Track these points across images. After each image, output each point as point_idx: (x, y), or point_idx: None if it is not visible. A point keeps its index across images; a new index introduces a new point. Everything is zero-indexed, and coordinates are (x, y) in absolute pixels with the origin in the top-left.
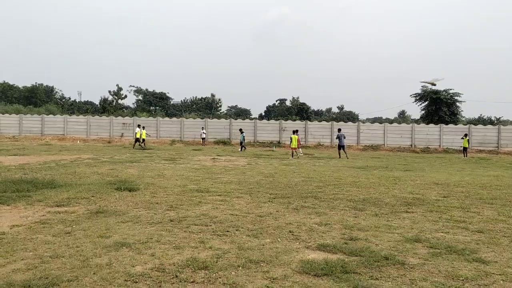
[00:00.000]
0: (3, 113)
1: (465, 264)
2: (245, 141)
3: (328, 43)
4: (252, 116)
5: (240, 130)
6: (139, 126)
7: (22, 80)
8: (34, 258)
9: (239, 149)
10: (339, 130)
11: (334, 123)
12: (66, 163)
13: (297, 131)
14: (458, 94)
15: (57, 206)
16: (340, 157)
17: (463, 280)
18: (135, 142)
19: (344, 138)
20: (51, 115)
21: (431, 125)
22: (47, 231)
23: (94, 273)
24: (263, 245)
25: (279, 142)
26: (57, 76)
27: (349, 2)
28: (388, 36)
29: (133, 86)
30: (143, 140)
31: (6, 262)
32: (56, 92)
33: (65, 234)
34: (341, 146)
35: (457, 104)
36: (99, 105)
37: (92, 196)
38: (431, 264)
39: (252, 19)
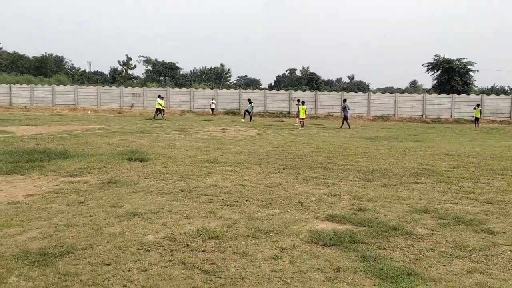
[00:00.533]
0: (14, 84)
1: (473, 234)
2: (254, 111)
3: (340, 9)
4: (262, 86)
5: (249, 100)
6: (159, 96)
7: (31, 50)
8: (49, 226)
9: (242, 119)
10: (344, 100)
11: (344, 93)
12: (78, 133)
13: (303, 102)
14: (471, 63)
15: (70, 176)
16: (341, 127)
17: (470, 250)
18: (157, 112)
19: (349, 109)
20: (61, 86)
21: (443, 95)
22: (61, 200)
23: (107, 242)
24: (273, 215)
25: (288, 113)
26: (67, 46)
27: None
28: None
29: (143, 56)
30: (162, 110)
31: (22, 230)
32: (66, 62)
33: (78, 203)
34: (346, 117)
35: (470, 73)
36: (108, 75)
37: (104, 167)
38: (439, 234)
39: None
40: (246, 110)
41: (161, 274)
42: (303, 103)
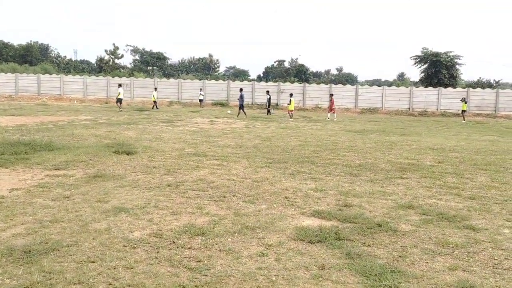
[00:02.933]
0: None
1: (455, 231)
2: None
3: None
4: (251, 78)
5: (267, 92)
6: (155, 89)
7: (16, 37)
8: (34, 222)
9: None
10: (241, 89)
11: (333, 85)
12: (64, 124)
13: (291, 94)
14: (458, 57)
15: (56, 169)
16: (237, 117)
17: (453, 247)
18: (154, 104)
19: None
20: (47, 75)
21: (430, 88)
22: (46, 195)
23: (93, 239)
24: (259, 211)
25: (277, 104)
26: (52, 34)
27: None
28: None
29: (130, 46)
30: (154, 102)
31: (6, 226)
32: (52, 50)
33: (64, 198)
34: (241, 106)
35: (457, 66)
36: (95, 65)
37: (90, 160)
38: (423, 231)
39: None
40: (267, 105)
41: (147, 272)
42: (291, 95)
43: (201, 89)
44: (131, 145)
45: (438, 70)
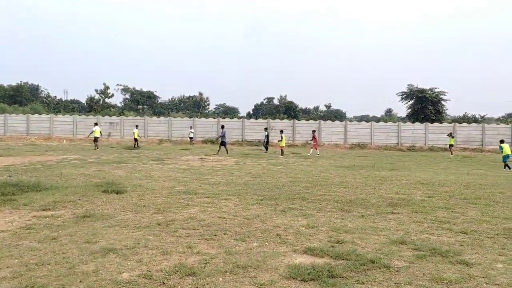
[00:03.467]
0: None
1: (449, 266)
2: (228, 140)
3: (316, 42)
4: (240, 115)
5: (265, 129)
6: (136, 126)
7: (6, 78)
8: (20, 265)
9: (265, 150)
10: (222, 127)
11: (322, 121)
12: (52, 164)
13: (282, 131)
14: (443, 93)
15: (43, 210)
16: (217, 153)
17: (447, 283)
18: (136, 142)
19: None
20: (36, 115)
21: (417, 123)
22: (32, 236)
23: (80, 281)
24: (251, 249)
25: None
26: (43, 75)
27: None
28: (377, 37)
29: (120, 85)
30: (135, 140)
31: None
32: (42, 90)
33: (51, 239)
34: (223, 142)
35: (442, 102)
36: (85, 104)
37: (79, 199)
38: (416, 267)
39: (242, 15)
40: (265, 142)
41: None
42: (281, 132)
43: (191, 126)
44: (121, 184)
45: (424, 106)
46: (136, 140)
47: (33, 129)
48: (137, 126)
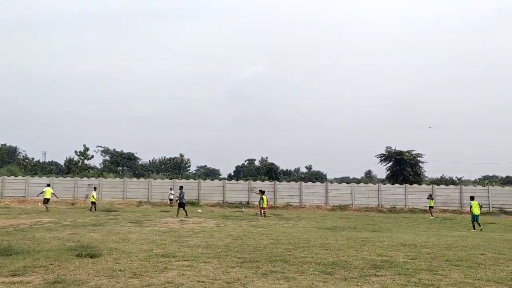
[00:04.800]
0: None
1: None
2: (214, 201)
3: (297, 108)
4: (222, 176)
5: (181, 187)
6: (95, 189)
7: None
8: None
9: (260, 216)
10: (181, 187)
11: (303, 183)
12: (25, 227)
13: (263, 192)
14: (420, 155)
15: (12, 275)
16: (177, 216)
17: None
18: (93, 205)
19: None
20: (12, 177)
21: (397, 185)
22: None
23: None
24: None
25: (248, 203)
26: (21, 137)
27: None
28: (354, 102)
29: (101, 146)
30: (93, 202)
31: None
32: (19, 152)
33: None
34: (181, 204)
35: (420, 164)
36: (64, 166)
37: (51, 264)
38: None
39: (224, 81)
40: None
41: None
42: (263, 192)
43: (171, 188)
44: (96, 248)
45: (403, 168)
46: (93, 203)
47: (8, 191)
48: (95, 188)
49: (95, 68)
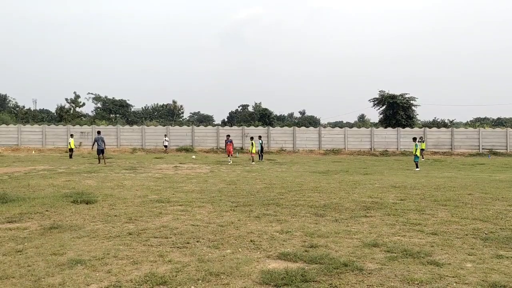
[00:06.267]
0: None
1: (420, 267)
2: (208, 147)
3: (290, 50)
4: (215, 122)
5: (259, 137)
6: (71, 135)
7: None
8: None
9: (259, 159)
10: (98, 132)
11: (296, 128)
12: (20, 175)
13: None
14: (413, 98)
15: (9, 222)
16: (99, 162)
17: (418, 283)
18: (70, 152)
19: (103, 141)
20: (3, 125)
21: (389, 129)
22: None
23: None
24: (224, 256)
25: (241, 148)
26: (11, 84)
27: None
28: (349, 40)
29: (92, 94)
30: (71, 149)
31: None
32: (10, 100)
33: (16, 252)
34: (100, 151)
35: (413, 108)
36: (55, 114)
37: (46, 211)
38: (388, 268)
39: (217, 22)
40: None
41: None
42: (251, 138)
43: (165, 135)
44: (91, 194)
45: (396, 112)
46: (71, 150)
47: (0, 140)
48: (72, 135)
49: (86, 12)
